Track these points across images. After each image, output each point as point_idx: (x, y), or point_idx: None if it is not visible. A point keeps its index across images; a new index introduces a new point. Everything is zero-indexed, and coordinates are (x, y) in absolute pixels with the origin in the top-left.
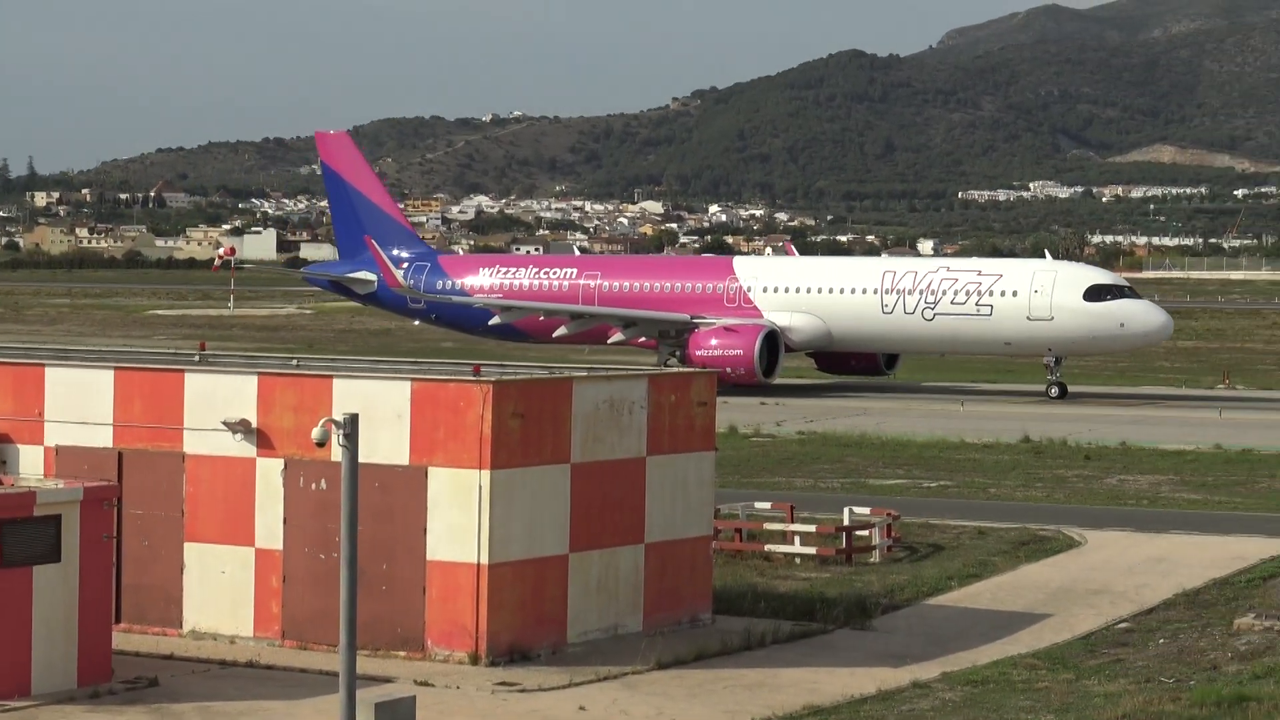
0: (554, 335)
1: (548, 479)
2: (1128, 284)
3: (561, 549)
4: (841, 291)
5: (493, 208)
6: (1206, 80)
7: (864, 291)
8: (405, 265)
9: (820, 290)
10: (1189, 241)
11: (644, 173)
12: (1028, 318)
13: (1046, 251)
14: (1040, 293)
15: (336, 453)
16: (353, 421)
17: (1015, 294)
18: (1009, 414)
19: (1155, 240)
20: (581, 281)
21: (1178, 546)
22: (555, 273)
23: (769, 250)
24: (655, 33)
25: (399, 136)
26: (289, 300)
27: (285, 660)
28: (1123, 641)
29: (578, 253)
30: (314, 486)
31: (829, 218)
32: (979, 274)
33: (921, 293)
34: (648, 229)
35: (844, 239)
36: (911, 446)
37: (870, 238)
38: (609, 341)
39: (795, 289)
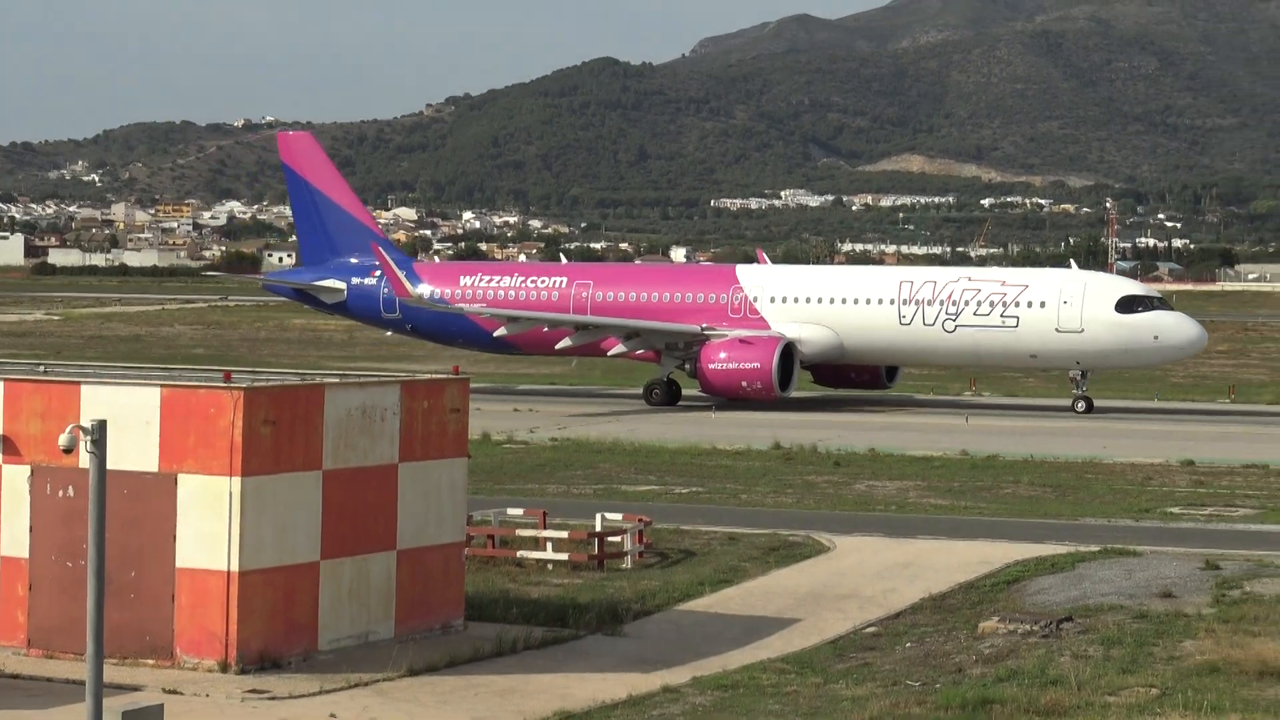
0: (557, 347)
1: (299, 486)
2: (1159, 295)
3: (313, 556)
4: (855, 302)
5: (245, 213)
6: (954, 91)
7: (880, 302)
8: (378, 273)
9: (833, 301)
10: (937, 250)
11: (398, 179)
12: (1056, 329)
13: (1072, 260)
14: (1069, 304)
15: (84, 459)
16: (100, 428)
17: (1043, 304)
18: (760, 420)
19: (904, 249)
20: (573, 291)
21: (925, 551)
22: (543, 281)
23: (523, 257)
24: (409, 39)
25: (150, 141)
26: (37, 306)
27: (31, 669)
28: (870, 645)
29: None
30: (61, 494)
31: (583, 225)
32: (1003, 284)
33: (942, 303)
34: (401, 235)
35: (598, 246)
36: (663, 453)
37: (624, 245)
38: (609, 354)
39: (805, 299)
